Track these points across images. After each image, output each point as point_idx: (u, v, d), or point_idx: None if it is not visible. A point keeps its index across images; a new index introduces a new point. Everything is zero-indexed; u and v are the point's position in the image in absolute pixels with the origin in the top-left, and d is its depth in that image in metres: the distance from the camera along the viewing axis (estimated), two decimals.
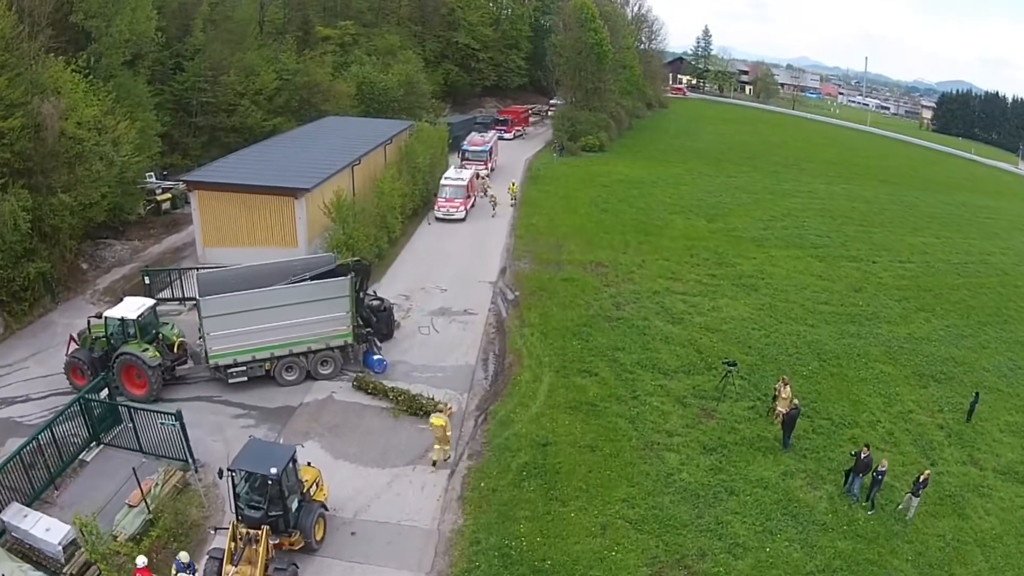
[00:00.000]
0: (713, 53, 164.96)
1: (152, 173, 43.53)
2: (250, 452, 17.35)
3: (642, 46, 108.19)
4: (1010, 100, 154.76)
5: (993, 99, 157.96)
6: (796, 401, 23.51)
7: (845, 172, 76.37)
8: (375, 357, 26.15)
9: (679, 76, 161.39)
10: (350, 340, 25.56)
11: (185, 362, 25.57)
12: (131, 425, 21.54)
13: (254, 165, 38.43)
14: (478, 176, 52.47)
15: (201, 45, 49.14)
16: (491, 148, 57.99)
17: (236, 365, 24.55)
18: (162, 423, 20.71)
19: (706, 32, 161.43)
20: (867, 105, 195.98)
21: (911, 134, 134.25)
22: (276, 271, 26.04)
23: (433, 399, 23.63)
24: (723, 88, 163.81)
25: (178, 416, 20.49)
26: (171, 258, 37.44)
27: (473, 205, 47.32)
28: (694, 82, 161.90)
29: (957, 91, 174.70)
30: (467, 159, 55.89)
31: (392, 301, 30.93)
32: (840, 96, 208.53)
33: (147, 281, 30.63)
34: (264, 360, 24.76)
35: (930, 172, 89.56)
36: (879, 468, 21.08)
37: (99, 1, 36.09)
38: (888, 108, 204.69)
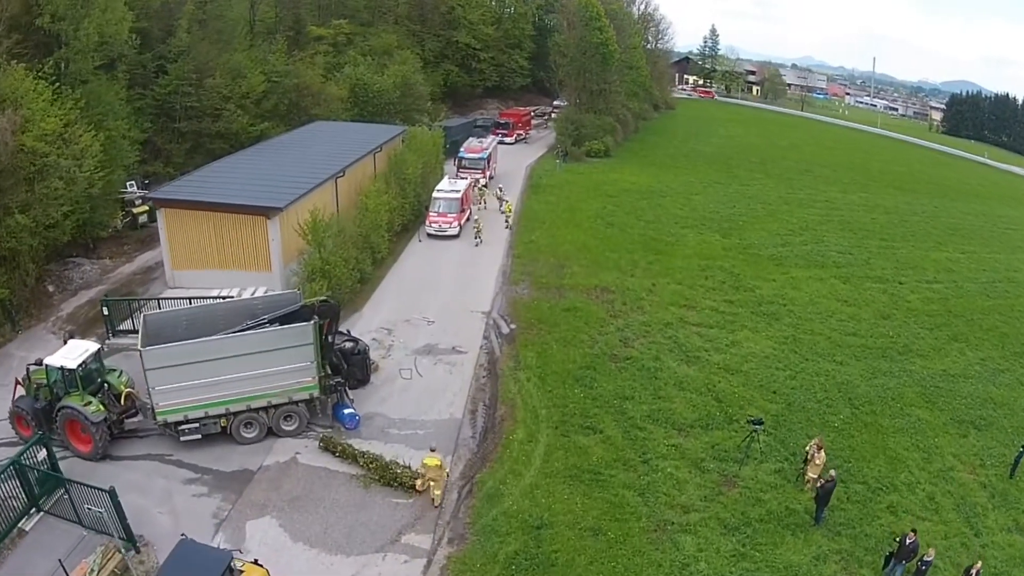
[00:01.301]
0: (720, 53, 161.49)
1: (133, 182, 40.55)
2: (180, 560, 14.19)
3: (649, 46, 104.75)
4: (1020, 102, 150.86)
5: (1003, 101, 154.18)
6: (833, 473, 20.23)
7: (860, 178, 73.28)
8: (346, 411, 22.81)
9: (686, 77, 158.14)
10: (316, 393, 22.27)
11: (135, 414, 22.47)
12: (67, 496, 18.83)
13: (227, 180, 35.14)
14: (476, 185, 49.23)
15: (185, 46, 46.12)
16: (489, 155, 54.49)
17: (187, 422, 21.42)
18: (88, 508, 17.64)
19: (713, 31, 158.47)
20: (875, 106, 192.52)
21: (921, 136, 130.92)
22: (233, 311, 23.02)
23: (409, 468, 20.34)
24: (730, 88, 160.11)
25: (111, 495, 17.49)
26: (141, 279, 34.58)
27: (468, 219, 43.95)
28: (701, 82, 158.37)
29: (967, 93, 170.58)
30: (464, 167, 52.47)
31: (372, 337, 27.80)
32: (847, 96, 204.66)
33: (106, 312, 27.87)
34: (219, 416, 21.60)
35: (945, 178, 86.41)
36: (925, 557, 18.27)
37: (66, 3, 33.24)
38: (896, 109, 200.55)
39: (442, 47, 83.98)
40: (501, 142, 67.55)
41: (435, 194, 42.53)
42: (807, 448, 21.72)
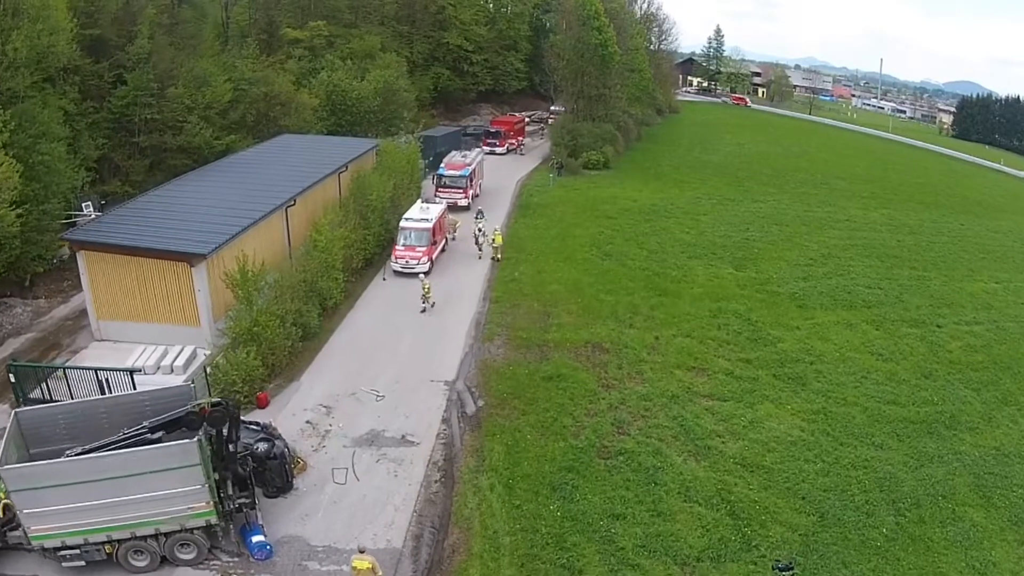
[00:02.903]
0: (726, 54, 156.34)
1: (89, 203, 35.86)
2: None
3: (652, 47, 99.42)
4: None
5: (1014, 104, 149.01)
6: None
7: (880, 192, 67.79)
8: (255, 538, 17.57)
9: (690, 79, 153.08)
10: (213, 519, 17.19)
11: (17, 527, 17.72)
12: None
13: (157, 215, 29.88)
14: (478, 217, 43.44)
15: (146, 53, 41.30)
16: (472, 172, 48.89)
17: (66, 548, 16.79)
18: None
19: (718, 32, 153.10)
20: (882, 108, 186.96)
21: (932, 141, 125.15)
22: (117, 408, 18.36)
23: None
24: (735, 90, 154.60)
25: None
26: (72, 326, 30.11)
27: (443, 250, 38.67)
28: (705, 84, 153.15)
29: (977, 95, 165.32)
30: (443, 186, 47.11)
31: (307, 419, 22.66)
32: (854, 98, 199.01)
33: (13, 379, 23.35)
34: (101, 543, 16.91)
35: (965, 188, 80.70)
36: None
37: None
38: (904, 112, 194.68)
39: (432, 49, 79.01)
40: (491, 152, 62.52)
41: (402, 223, 36.81)
42: None
